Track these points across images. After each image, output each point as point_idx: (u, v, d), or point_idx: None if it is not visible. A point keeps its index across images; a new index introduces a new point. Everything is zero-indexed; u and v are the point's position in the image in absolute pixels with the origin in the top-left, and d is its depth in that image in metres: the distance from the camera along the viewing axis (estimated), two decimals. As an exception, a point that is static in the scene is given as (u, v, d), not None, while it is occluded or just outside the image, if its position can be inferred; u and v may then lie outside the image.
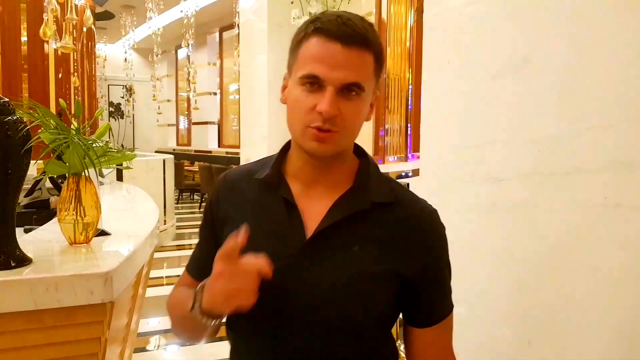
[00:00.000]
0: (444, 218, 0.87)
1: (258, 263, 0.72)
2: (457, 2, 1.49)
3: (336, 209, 0.82)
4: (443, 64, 1.54)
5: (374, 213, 0.83)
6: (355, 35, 0.77)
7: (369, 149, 4.29)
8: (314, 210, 0.84)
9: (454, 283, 0.90)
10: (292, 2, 3.52)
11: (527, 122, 1.28)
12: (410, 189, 0.91)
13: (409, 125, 4.54)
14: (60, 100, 1.42)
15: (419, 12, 4.30)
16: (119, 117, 12.55)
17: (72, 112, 1.22)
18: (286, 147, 0.90)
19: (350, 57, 0.77)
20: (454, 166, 1.48)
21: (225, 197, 0.92)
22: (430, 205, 0.88)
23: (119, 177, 3.96)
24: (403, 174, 3.73)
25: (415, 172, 3.60)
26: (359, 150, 0.91)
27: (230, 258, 0.73)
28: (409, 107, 4.54)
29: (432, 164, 1.59)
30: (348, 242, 0.82)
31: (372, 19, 4.27)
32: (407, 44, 4.48)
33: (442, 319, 0.88)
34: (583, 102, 1.17)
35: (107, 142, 1.23)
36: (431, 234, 0.86)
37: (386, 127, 4.33)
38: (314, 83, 0.77)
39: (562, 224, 1.22)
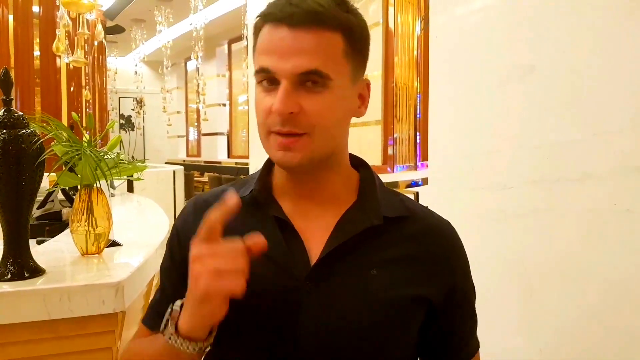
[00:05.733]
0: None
1: (250, 240, 0.59)
2: (463, 11, 1.50)
3: (343, 226, 0.69)
4: (449, 72, 1.55)
5: (387, 229, 0.70)
6: (303, 13, 0.62)
7: (377, 158, 4.30)
8: (314, 230, 0.70)
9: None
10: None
11: (534, 128, 1.28)
12: (420, 197, 0.84)
13: (417, 133, 4.55)
14: (73, 113, 1.45)
15: (426, 20, 4.33)
16: (130, 129, 12.67)
17: (84, 125, 1.24)
18: (271, 161, 0.75)
19: (302, 40, 0.62)
20: (461, 173, 1.48)
21: (198, 223, 0.70)
22: (445, 219, 0.78)
23: (130, 189, 3.99)
24: (413, 182, 3.73)
25: (425, 181, 3.60)
26: (357, 161, 0.77)
27: (212, 236, 0.59)
28: (418, 115, 4.55)
29: (440, 172, 1.59)
30: (364, 265, 0.69)
31: (379, 29, 4.29)
32: (415, 52, 4.50)
33: (472, 355, 0.76)
34: (591, 108, 1.17)
35: (118, 153, 1.25)
36: (453, 250, 0.76)
37: (395, 135, 4.34)
38: (269, 80, 0.65)
39: (572, 231, 1.21)
